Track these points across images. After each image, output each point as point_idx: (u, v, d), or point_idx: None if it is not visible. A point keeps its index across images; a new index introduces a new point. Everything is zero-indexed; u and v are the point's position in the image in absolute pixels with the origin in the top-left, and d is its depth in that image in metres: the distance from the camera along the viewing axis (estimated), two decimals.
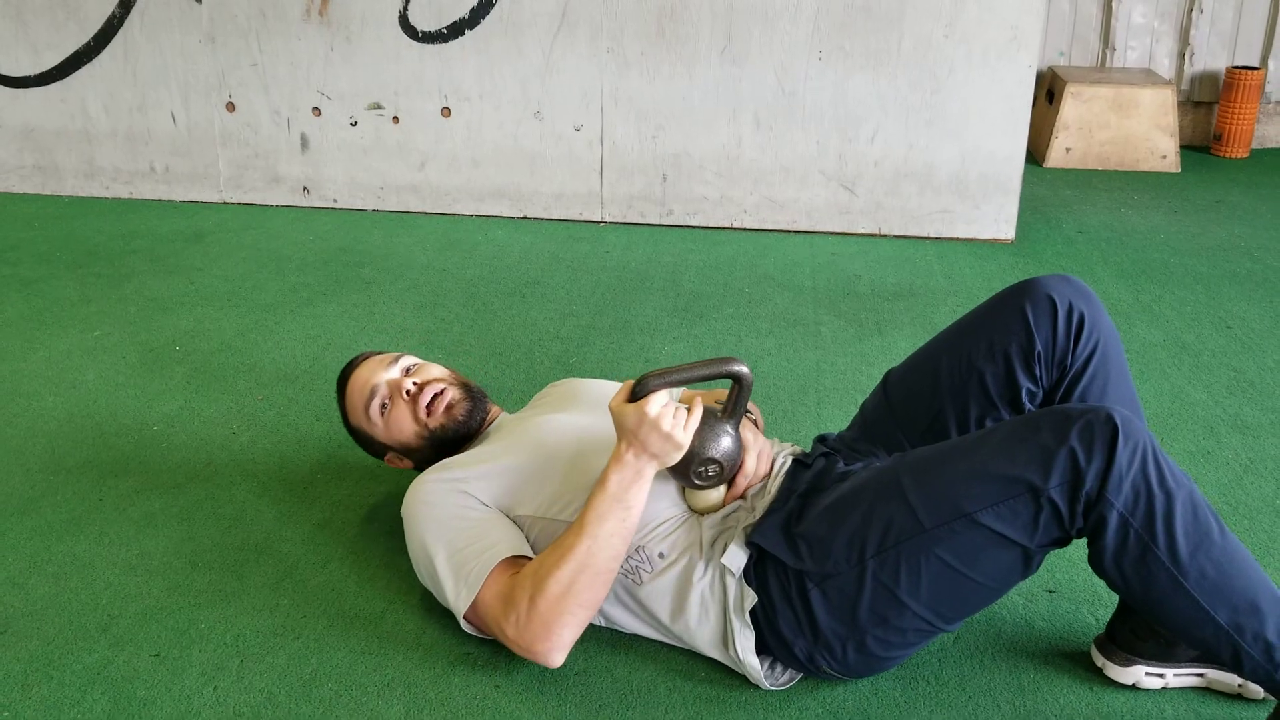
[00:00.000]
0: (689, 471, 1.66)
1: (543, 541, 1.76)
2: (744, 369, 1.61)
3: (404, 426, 1.94)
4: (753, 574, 1.63)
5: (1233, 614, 1.43)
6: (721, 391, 1.88)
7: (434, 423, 1.92)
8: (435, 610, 1.90)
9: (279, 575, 2.01)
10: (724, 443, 1.66)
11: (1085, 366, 1.69)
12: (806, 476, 1.72)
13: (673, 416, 1.59)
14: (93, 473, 2.36)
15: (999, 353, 1.71)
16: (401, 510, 1.86)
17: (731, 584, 1.64)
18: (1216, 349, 2.96)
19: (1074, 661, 1.77)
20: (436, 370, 2.00)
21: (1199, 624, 1.44)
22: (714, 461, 1.66)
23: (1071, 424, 1.43)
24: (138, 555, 2.07)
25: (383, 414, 1.95)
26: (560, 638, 1.61)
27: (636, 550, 1.70)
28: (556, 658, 1.63)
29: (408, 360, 2.00)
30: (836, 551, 1.54)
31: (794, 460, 1.79)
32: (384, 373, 1.96)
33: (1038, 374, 1.70)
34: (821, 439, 1.88)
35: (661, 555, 1.70)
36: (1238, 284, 3.45)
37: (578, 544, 1.60)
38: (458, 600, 1.69)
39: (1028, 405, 1.72)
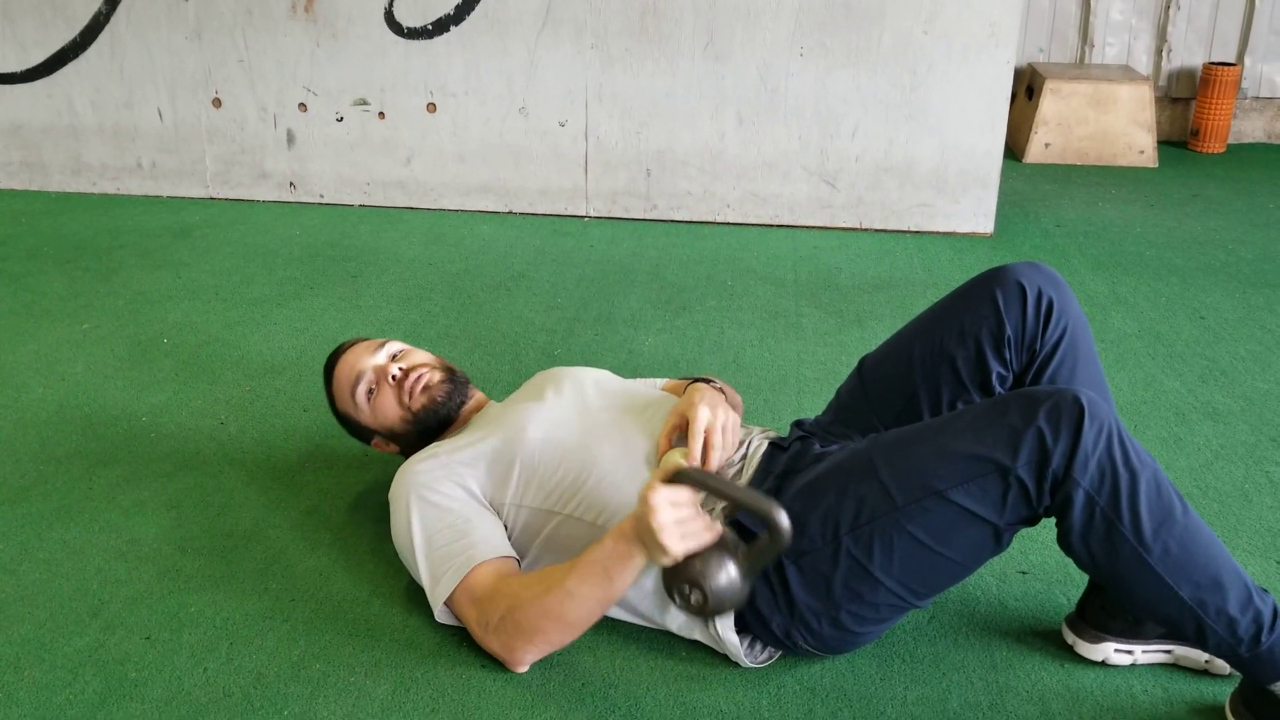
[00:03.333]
0: (670, 583, 1.50)
1: (523, 532, 1.80)
2: (784, 521, 1.43)
3: (389, 411, 1.97)
4: None
5: (1196, 590, 1.47)
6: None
7: (415, 404, 1.95)
8: (421, 594, 1.92)
9: (267, 561, 2.05)
10: (721, 580, 1.47)
11: (1054, 351, 1.73)
12: (782, 459, 1.76)
13: (676, 522, 1.48)
14: (82, 462, 2.39)
15: (970, 338, 1.74)
16: (389, 494, 1.89)
17: None
18: (1190, 339, 3.01)
19: (1046, 640, 1.81)
20: (421, 356, 2.03)
21: (1164, 600, 1.48)
22: (699, 590, 1.47)
23: (1039, 405, 1.47)
24: (128, 542, 2.10)
25: (369, 399, 1.97)
26: (523, 656, 1.70)
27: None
28: (520, 668, 1.71)
29: (394, 346, 2.03)
30: (812, 529, 1.58)
31: (770, 444, 1.83)
32: (370, 358, 1.99)
33: (1007, 358, 1.74)
34: (798, 424, 1.91)
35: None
36: (1212, 276, 3.51)
37: (555, 591, 1.61)
38: (435, 590, 1.74)
39: (998, 388, 1.76)
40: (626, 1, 3.86)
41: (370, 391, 1.97)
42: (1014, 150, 5.07)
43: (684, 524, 1.48)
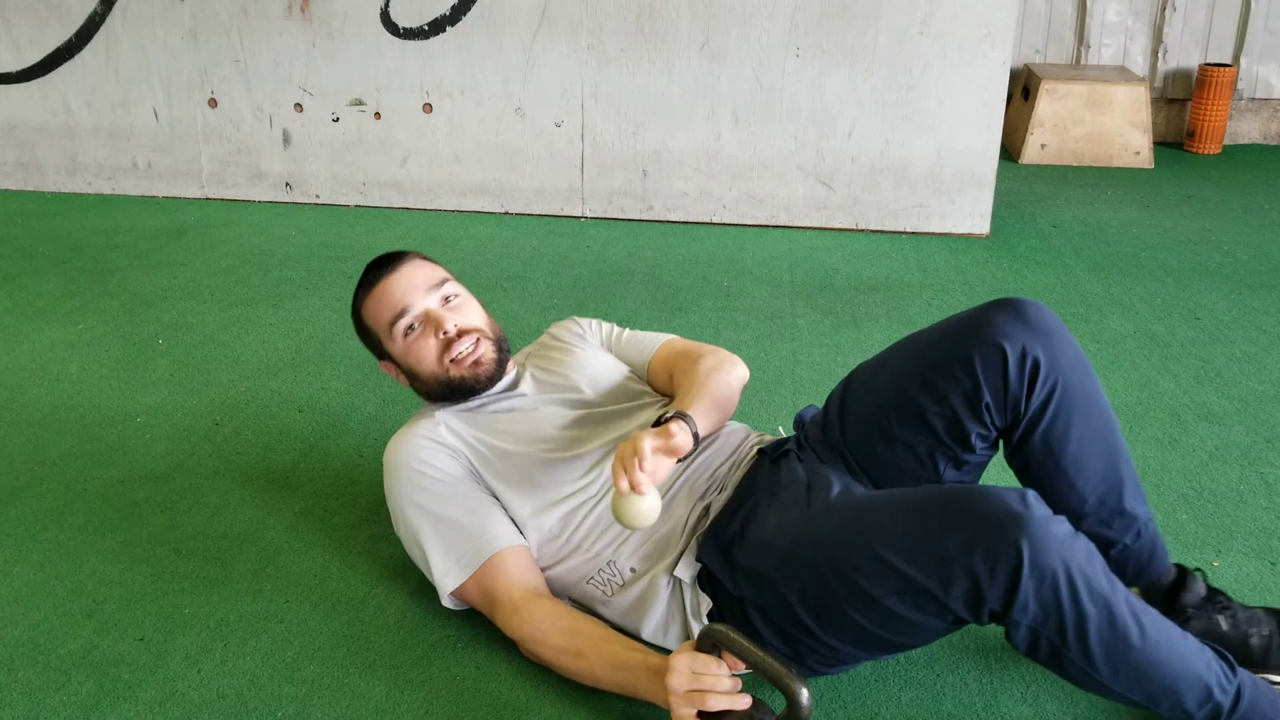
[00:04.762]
0: None
1: (542, 549, 1.79)
2: (804, 698, 1.41)
3: (425, 361, 1.84)
4: (706, 581, 1.68)
5: (1149, 696, 1.43)
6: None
7: (455, 372, 1.84)
8: (417, 595, 1.93)
9: (262, 562, 2.04)
10: None
11: (1043, 411, 1.60)
12: (764, 475, 1.74)
13: (688, 691, 1.48)
14: (77, 463, 2.39)
15: (944, 401, 1.63)
16: (387, 457, 1.85)
17: (688, 590, 1.69)
18: (1185, 340, 3.02)
19: None
20: (476, 314, 1.89)
21: (1114, 698, 1.46)
22: None
23: (976, 544, 1.36)
24: (122, 543, 2.10)
25: (406, 337, 1.84)
26: (535, 660, 1.73)
27: (608, 564, 1.74)
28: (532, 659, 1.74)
29: (451, 287, 1.88)
30: (767, 590, 1.56)
31: (758, 452, 1.82)
32: (424, 297, 1.83)
33: (987, 421, 1.63)
34: (799, 421, 1.89)
35: (633, 570, 1.73)
36: (1207, 277, 3.51)
37: (580, 666, 1.65)
38: (445, 578, 1.73)
39: (979, 446, 1.66)
40: (622, 2, 3.86)
41: (411, 330, 1.84)
42: (1010, 151, 5.08)
43: (698, 695, 1.48)
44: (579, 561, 1.77)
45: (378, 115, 4.16)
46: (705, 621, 1.66)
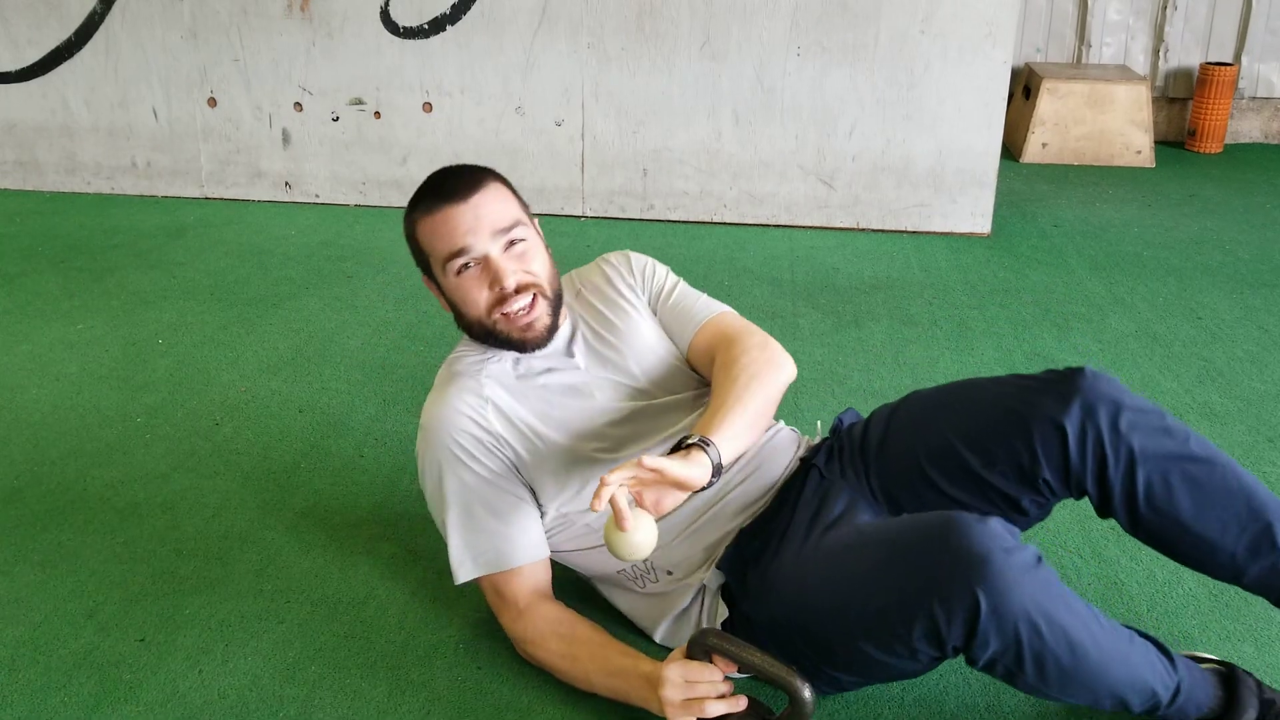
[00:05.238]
0: None
1: (561, 536, 1.76)
2: (806, 695, 1.42)
3: (473, 304, 1.68)
4: (727, 590, 1.67)
5: (1094, 701, 1.44)
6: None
7: (504, 328, 1.69)
8: (418, 595, 1.93)
9: (263, 562, 2.04)
10: None
11: (1131, 481, 1.50)
12: (793, 491, 1.70)
13: (683, 701, 1.48)
14: (77, 463, 2.38)
15: (997, 468, 1.56)
16: (425, 419, 1.72)
17: (709, 597, 1.69)
18: (1187, 339, 3.01)
19: None
20: (540, 263, 1.69)
21: (1060, 702, 1.48)
22: None
23: (933, 591, 1.34)
24: (122, 543, 2.09)
25: (459, 275, 1.66)
26: (531, 661, 1.73)
27: (645, 562, 1.71)
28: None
29: (519, 231, 1.66)
30: (771, 618, 1.56)
31: (800, 461, 1.76)
32: (489, 241, 1.63)
33: (1044, 490, 1.56)
34: (837, 426, 1.81)
35: (669, 573, 1.71)
36: (1209, 276, 3.51)
37: (575, 670, 1.65)
38: (459, 568, 1.70)
39: (1031, 510, 1.61)
40: (623, 1, 3.86)
41: (467, 268, 1.65)
42: (1011, 150, 5.07)
43: (694, 704, 1.48)
44: (603, 569, 1.77)
45: (377, 114, 4.15)
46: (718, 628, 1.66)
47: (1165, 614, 1.88)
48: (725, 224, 4.08)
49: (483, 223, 1.63)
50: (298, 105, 4.17)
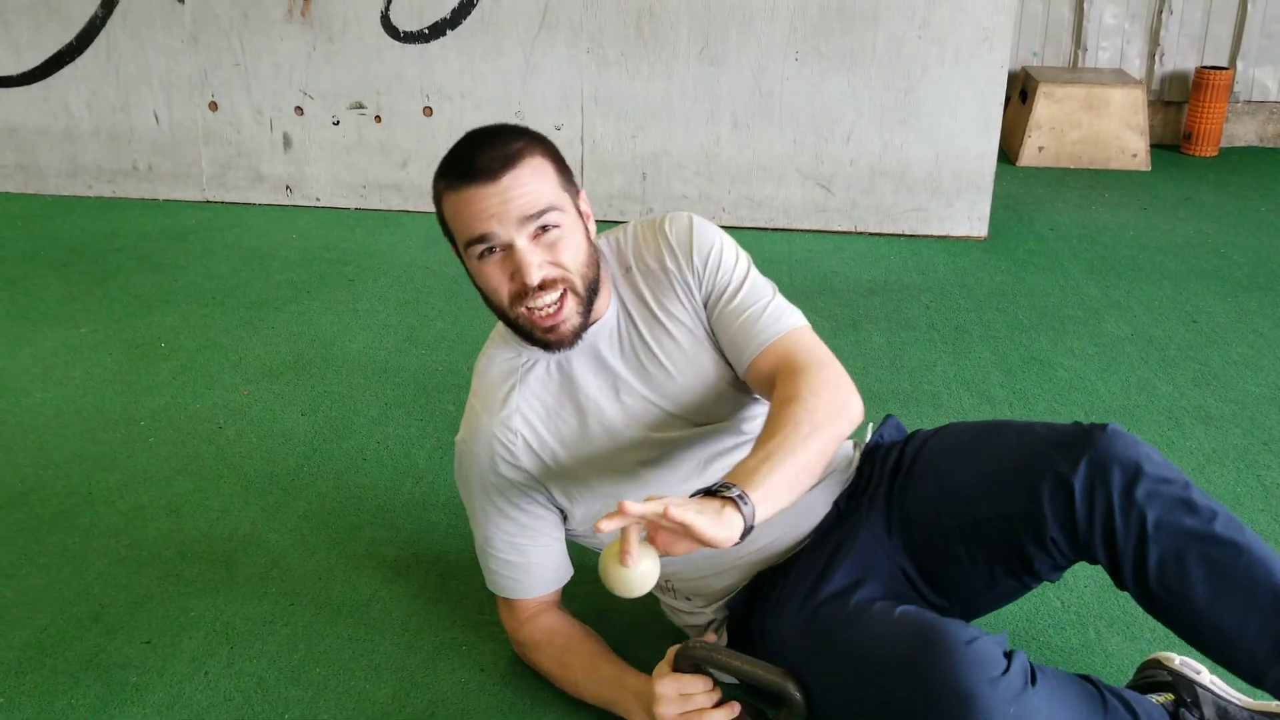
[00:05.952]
0: None
1: (589, 539, 1.72)
2: (800, 697, 1.42)
3: (494, 292, 1.51)
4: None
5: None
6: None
7: (526, 323, 1.52)
8: (420, 599, 1.95)
9: (266, 565, 2.06)
10: None
11: (1141, 552, 1.39)
12: (806, 547, 1.65)
13: (680, 715, 1.47)
14: (81, 466, 2.40)
15: (1005, 519, 1.48)
16: (460, 446, 1.65)
17: (720, 624, 1.72)
18: (1183, 343, 3.03)
19: (1045, 635, 1.83)
20: (573, 251, 1.50)
21: None
22: None
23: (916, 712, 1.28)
24: (127, 546, 2.11)
25: (482, 258, 1.48)
26: (528, 663, 1.76)
27: (667, 580, 1.71)
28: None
29: (553, 216, 1.47)
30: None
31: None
32: (515, 228, 1.44)
33: (1053, 551, 1.46)
34: (878, 441, 1.74)
35: (688, 599, 1.73)
36: (1204, 280, 3.53)
37: (567, 680, 1.67)
38: (486, 582, 1.73)
39: (1043, 570, 1.50)
40: (622, 5, 3.88)
41: (489, 253, 1.47)
42: (1008, 153, 5.09)
43: (691, 715, 1.47)
44: None
45: (378, 118, 4.17)
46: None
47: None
48: (724, 227, 4.08)
49: (510, 207, 1.44)
50: (298, 109, 4.19)
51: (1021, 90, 5.16)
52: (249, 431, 2.56)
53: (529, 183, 1.45)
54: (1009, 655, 1.29)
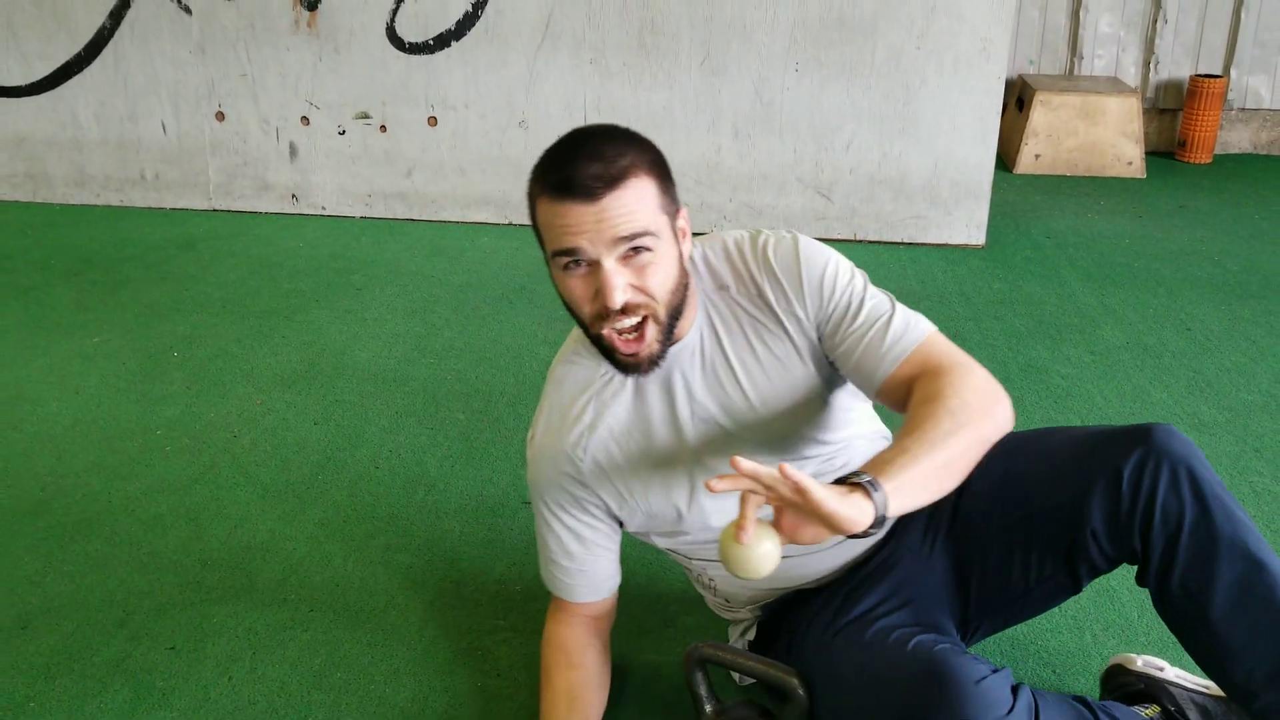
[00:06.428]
0: None
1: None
2: (804, 693, 1.46)
3: (575, 305, 1.45)
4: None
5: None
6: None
7: (606, 343, 1.47)
8: (435, 604, 2.00)
9: (285, 572, 2.11)
10: None
11: (1171, 550, 1.40)
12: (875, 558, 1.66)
13: None
14: (100, 475, 2.45)
15: (1052, 514, 1.48)
16: (531, 454, 1.64)
17: (750, 622, 1.75)
18: (1177, 350, 3.09)
19: (1054, 628, 1.89)
20: (661, 278, 1.42)
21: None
22: None
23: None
24: (148, 554, 2.16)
25: (568, 270, 1.41)
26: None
27: (711, 579, 1.73)
28: None
29: (647, 240, 1.39)
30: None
31: None
32: (605, 249, 1.38)
33: (1089, 545, 1.45)
34: None
35: (726, 601, 1.76)
36: (1198, 288, 3.59)
37: (541, 695, 1.68)
38: (541, 574, 1.74)
39: (1083, 572, 1.50)
40: (625, 17, 3.94)
41: (574, 265, 1.40)
42: (1005, 160, 5.15)
43: None
44: (681, 559, 1.76)
45: (383, 128, 4.22)
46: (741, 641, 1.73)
47: (1157, 620, 1.95)
48: None
49: (605, 228, 1.37)
50: (304, 119, 4.24)
51: (1018, 98, 5.22)
52: (263, 440, 2.61)
53: (631, 204, 1.38)
54: (1016, 689, 1.31)
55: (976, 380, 1.41)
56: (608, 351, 1.48)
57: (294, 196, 4.37)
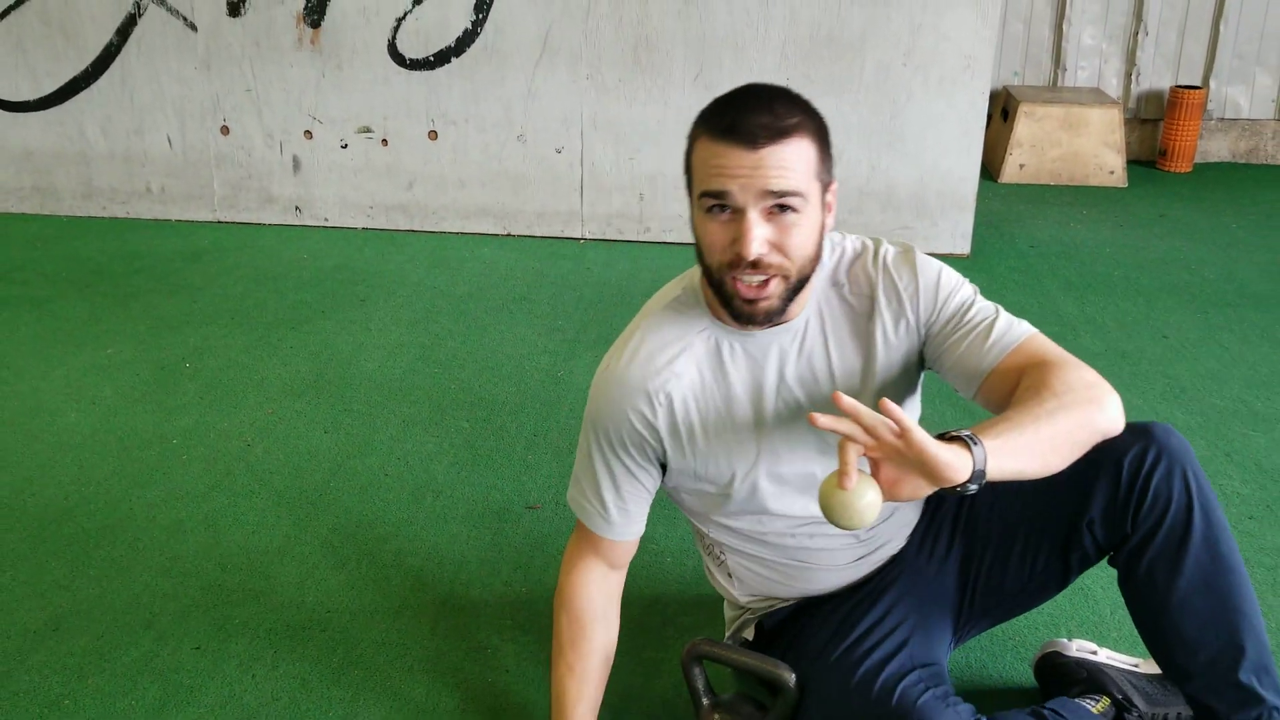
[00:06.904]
0: None
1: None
2: (791, 681, 1.57)
3: (708, 247, 1.46)
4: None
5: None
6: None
7: (730, 288, 1.46)
8: (446, 605, 2.11)
9: (301, 575, 2.22)
10: None
11: (1151, 535, 1.50)
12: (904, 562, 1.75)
13: None
14: (121, 483, 2.56)
15: (1056, 506, 1.60)
16: (596, 382, 1.63)
17: (748, 621, 1.83)
18: (1153, 358, 3.21)
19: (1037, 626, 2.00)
20: (799, 243, 1.43)
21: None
22: None
23: None
24: (170, 559, 2.27)
25: (712, 213, 1.43)
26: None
27: (705, 537, 1.78)
28: None
29: (796, 202, 1.40)
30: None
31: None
32: (754, 198, 1.39)
33: (1087, 541, 1.58)
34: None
35: (723, 553, 1.79)
36: (1175, 296, 3.71)
37: (557, 659, 1.71)
38: (568, 497, 1.72)
39: (1076, 569, 1.64)
40: (620, 34, 4.05)
41: (718, 209, 1.42)
42: (990, 170, 5.27)
43: None
44: (699, 527, 1.78)
45: (385, 142, 4.33)
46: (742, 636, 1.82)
47: (1128, 619, 2.06)
48: None
49: (758, 177, 1.38)
50: (308, 133, 4.35)
51: (1003, 109, 5.35)
52: (276, 449, 2.72)
53: (790, 161, 1.39)
54: None
55: (1085, 374, 1.43)
56: (728, 298, 1.47)
57: (297, 208, 4.47)
